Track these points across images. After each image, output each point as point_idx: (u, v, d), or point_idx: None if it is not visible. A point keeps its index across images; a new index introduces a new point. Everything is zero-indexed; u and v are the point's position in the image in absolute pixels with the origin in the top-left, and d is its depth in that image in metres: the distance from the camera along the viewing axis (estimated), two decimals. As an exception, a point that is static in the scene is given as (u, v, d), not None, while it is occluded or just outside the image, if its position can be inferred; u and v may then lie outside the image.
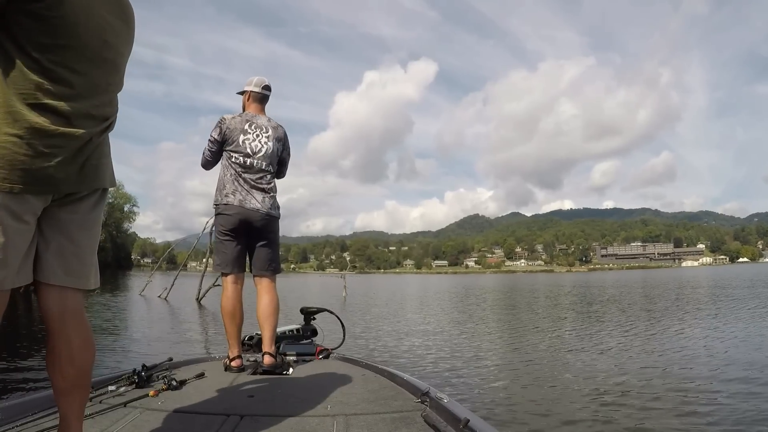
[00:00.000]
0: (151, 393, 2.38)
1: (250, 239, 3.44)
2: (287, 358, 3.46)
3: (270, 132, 3.51)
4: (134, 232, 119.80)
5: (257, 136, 3.46)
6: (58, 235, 1.47)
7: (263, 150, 3.45)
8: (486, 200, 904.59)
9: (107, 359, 7.42)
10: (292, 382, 2.83)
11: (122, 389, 2.51)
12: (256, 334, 3.76)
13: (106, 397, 2.35)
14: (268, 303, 3.39)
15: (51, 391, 2.06)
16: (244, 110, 3.60)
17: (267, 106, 3.67)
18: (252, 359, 3.34)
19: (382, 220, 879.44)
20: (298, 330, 4.08)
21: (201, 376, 2.86)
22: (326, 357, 3.65)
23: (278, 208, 3.52)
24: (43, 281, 1.47)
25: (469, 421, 1.84)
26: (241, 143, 3.40)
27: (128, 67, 1.60)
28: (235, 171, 3.38)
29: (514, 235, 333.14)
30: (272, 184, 3.49)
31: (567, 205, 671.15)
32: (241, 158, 3.38)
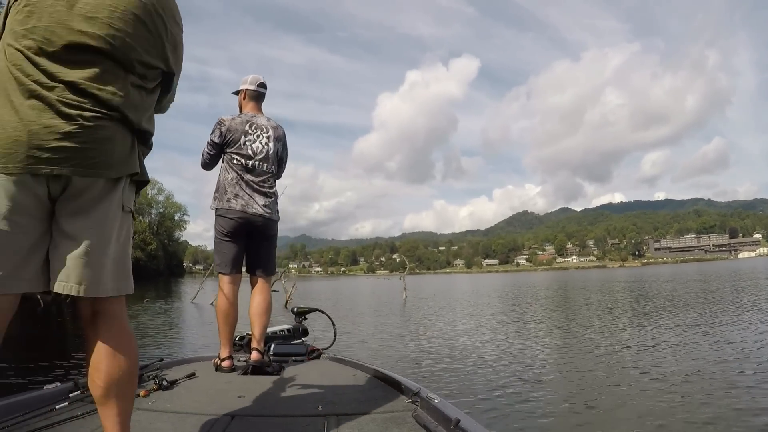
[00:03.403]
0: (142, 393, 2.32)
1: (249, 240, 3.40)
2: (276, 360, 3.42)
3: (270, 132, 3.46)
4: (185, 240, 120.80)
5: (258, 136, 3.40)
6: (66, 240, 1.40)
7: (264, 151, 3.40)
8: (534, 196, 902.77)
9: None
10: (283, 382, 2.81)
11: None
12: (247, 334, 3.70)
13: None
14: (261, 301, 3.37)
15: (41, 391, 2.19)
16: (240, 110, 3.54)
17: (266, 105, 3.62)
18: (243, 359, 3.32)
19: (430, 220, 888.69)
20: (289, 330, 4.01)
21: (192, 376, 2.83)
22: (317, 357, 3.61)
23: (278, 211, 3.49)
24: (56, 291, 1.43)
25: (459, 421, 1.82)
26: (242, 145, 3.34)
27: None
28: (237, 174, 3.32)
29: (564, 230, 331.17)
30: (274, 188, 3.47)
31: (617, 198, 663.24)
32: (242, 160, 3.33)
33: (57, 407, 2.08)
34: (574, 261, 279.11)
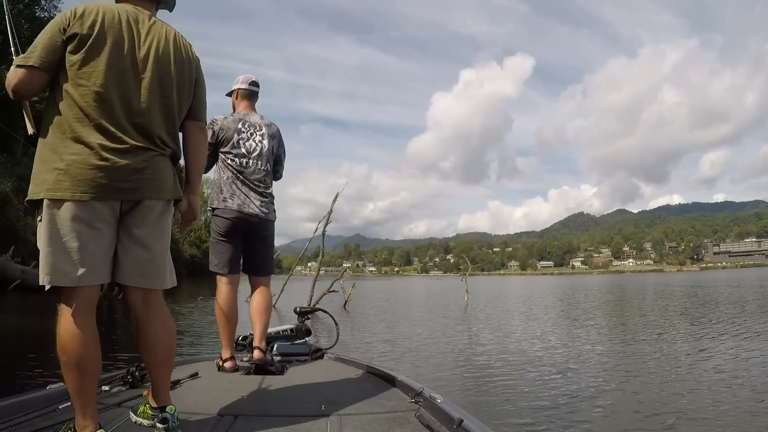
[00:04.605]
0: (145, 393, 2.23)
1: (246, 241, 3.38)
2: (277, 359, 3.40)
3: (264, 130, 3.42)
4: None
5: (251, 134, 3.37)
6: (135, 246, 1.80)
7: (258, 149, 3.36)
8: (590, 197, 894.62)
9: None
10: (285, 382, 2.81)
11: (116, 389, 2.49)
12: (250, 334, 3.63)
13: (100, 397, 2.26)
14: (261, 301, 3.38)
15: (45, 391, 2.24)
16: (234, 110, 3.51)
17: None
18: (245, 359, 3.31)
19: (485, 220, 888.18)
20: (291, 330, 4.01)
21: (194, 376, 2.84)
22: (320, 357, 3.59)
23: (275, 211, 3.48)
24: (126, 284, 1.82)
25: (462, 421, 1.84)
26: (236, 143, 3.31)
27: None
28: (233, 173, 3.30)
29: (620, 233, 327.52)
30: (270, 188, 3.45)
31: (675, 199, 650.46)
32: (237, 159, 3.30)
33: (60, 407, 2.10)
34: (631, 264, 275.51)
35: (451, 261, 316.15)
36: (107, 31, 1.76)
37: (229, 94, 3.58)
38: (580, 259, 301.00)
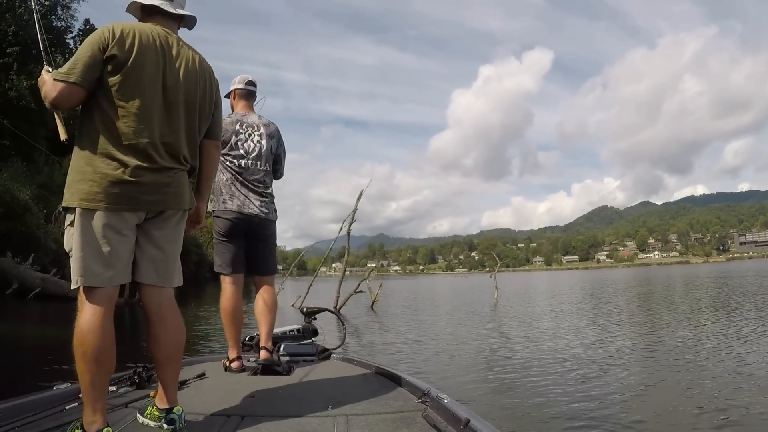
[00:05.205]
0: (152, 393, 2.25)
1: (248, 241, 3.39)
2: (284, 359, 3.41)
3: (262, 130, 3.41)
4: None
5: (249, 135, 3.37)
6: (152, 247, 1.97)
7: (257, 149, 3.36)
8: (613, 190, 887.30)
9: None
10: (292, 382, 2.82)
11: (123, 390, 2.51)
12: (257, 334, 3.63)
13: (107, 398, 2.17)
14: (266, 300, 3.39)
15: (52, 391, 2.27)
16: (232, 111, 3.51)
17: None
18: (252, 360, 3.31)
19: (508, 217, 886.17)
20: (298, 330, 3.99)
21: (201, 376, 2.85)
22: (327, 357, 3.60)
23: (275, 211, 3.48)
24: (141, 282, 1.97)
25: (470, 421, 1.83)
26: (234, 145, 3.32)
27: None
28: (232, 174, 3.31)
29: (645, 225, 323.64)
30: (270, 188, 3.45)
31: (699, 190, 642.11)
32: (236, 161, 3.31)
33: (67, 407, 2.12)
34: (657, 257, 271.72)
35: (476, 258, 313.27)
36: (144, 55, 1.88)
37: (227, 96, 3.56)
38: (605, 252, 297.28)
